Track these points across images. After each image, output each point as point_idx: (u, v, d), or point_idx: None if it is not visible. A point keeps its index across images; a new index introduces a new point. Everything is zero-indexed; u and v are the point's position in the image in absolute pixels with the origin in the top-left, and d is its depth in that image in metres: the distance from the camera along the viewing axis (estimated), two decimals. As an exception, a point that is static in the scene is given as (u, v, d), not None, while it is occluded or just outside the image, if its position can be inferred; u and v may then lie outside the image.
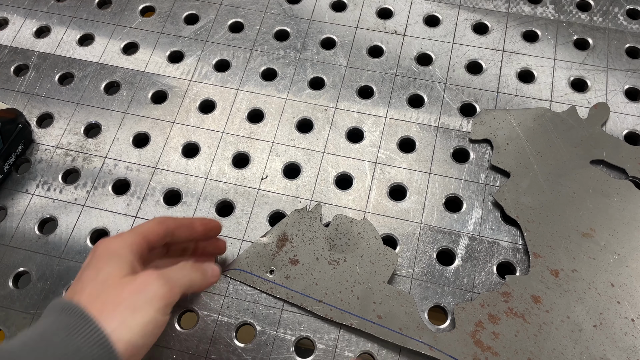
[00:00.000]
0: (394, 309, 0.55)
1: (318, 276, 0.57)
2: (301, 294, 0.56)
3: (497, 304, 0.56)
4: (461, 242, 0.60)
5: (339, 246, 0.58)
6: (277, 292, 0.56)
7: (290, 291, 0.56)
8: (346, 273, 0.57)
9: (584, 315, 0.55)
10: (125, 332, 0.40)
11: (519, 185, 0.62)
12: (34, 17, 0.78)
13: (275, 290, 0.56)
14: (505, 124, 0.66)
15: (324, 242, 0.58)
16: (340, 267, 0.57)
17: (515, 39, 0.73)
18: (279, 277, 0.56)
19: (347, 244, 0.58)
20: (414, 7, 0.76)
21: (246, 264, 0.57)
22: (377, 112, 0.69)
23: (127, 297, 0.42)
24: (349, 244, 0.58)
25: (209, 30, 0.76)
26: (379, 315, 0.55)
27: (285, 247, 0.57)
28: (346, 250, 0.58)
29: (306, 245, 0.58)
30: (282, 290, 0.56)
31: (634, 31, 0.73)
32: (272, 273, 0.57)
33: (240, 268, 0.57)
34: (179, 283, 0.45)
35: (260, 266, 0.57)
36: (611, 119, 0.67)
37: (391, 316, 0.55)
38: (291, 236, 0.58)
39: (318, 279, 0.56)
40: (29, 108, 0.71)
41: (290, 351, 0.55)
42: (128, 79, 0.72)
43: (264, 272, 0.57)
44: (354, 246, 0.58)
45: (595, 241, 0.58)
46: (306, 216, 0.60)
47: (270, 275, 0.56)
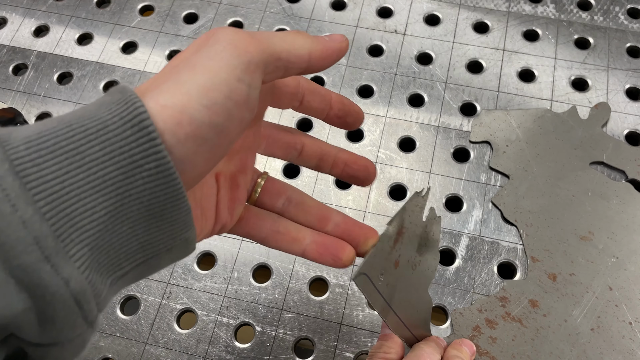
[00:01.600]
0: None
1: (402, 283, 0.44)
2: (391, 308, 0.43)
3: (494, 308, 0.56)
4: (461, 242, 0.61)
5: (422, 247, 0.47)
6: (377, 306, 0.41)
7: (385, 305, 0.41)
8: (414, 279, 0.46)
9: (581, 319, 0.55)
10: (171, 95, 0.26)
11: (518, 188, 0.62)
12: (32, 16, 0.78)
13: (377, 303, 0.41)
14: (505, 125, 0.66)
15: (416, 240, 0.45)
16: (415, 272, 0.46)
17: (515, 38, 0.73)
18: (384, 284, 0.41)
19: (426, 245, 0.47)
20: (414, 6, 0.76)
21: (371, 266, 0.39)
22: (377, 111, 0.68)
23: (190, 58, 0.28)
24: (427, 245, 0.47)
25: (208, 29, 0.75)
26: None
27: (398, 244, 0.42)
28: (423, 252, 0.47)
29: (409, 243, 0.44)
30: (381, 303, 0.41)
31: (635, 30, 0.72)
32: (382, 276, 0.41)
33: (367, 274, 0.38)
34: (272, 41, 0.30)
35: (377, 268, 0.40)
36: (612, 119, 0.67)
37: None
38: (405, 229, 0.43)
39: (401, 286, 0.44)
40: (27, 107, 0.71)
41: (289, 351, 0.56)
42: (127, 79, 0.72)
43: (379, 276, 0.40)
44: (427, 248, 0.47)
45: (593, 244, 0.58)
46: (419, 204, 0.44)
47: (381, 279, 0.40)
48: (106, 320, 0.58)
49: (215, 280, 0.59)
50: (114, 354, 0.57)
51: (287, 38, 0.31)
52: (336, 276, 0.59)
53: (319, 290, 0.59)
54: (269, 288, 0.59)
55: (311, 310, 0.58)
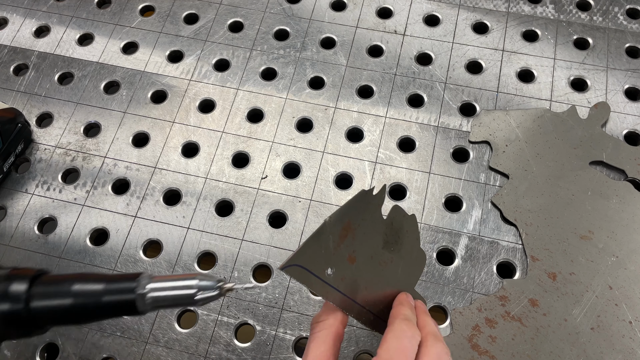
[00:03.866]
0: None
1: (368, 279, 0.46)
2: (354, 301, 0.45)
3: (494, 307, 0.56)
4: (461, 242, 0.61)
5: (390, 244, 0.49)
6: (332, 298, 0.44)
7: (345, 297, 0.44)
8: (390, 276, 0.48)
9: (581, 318, 0.55)
10: None
11: (518, 188, 0.62)
12: (33, 17, 0.78)
13: (330, 295, 0.44)
14: (504, 125, 0.66)
15: (379, 237, 0.47)
16: (387, 269, 0.48)
17: (515, 39, 0.73)
18: (335, 278, 0.43)
19: (396, 242, 0.49)
20: (413, 6, 0.76)
21: (307, 258, 0.42)
22: (377, 111, 0.69)
23: None
24: (398, 243, 0.49)
25: (208, 29, 0.76)
26: None
27: (346, 239, 0.44)
28: (394, 249, 0.49)
29: (366, 239, 0.46)
30: (338, 296, 0.44)
31: (634, 31, 0.72)
32: (331, 269, 0.43)
33: (301, 264, 0.41)
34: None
35: (320, 262, 0.43)
36: (611, 119, 0.67)
37: None
38: (354, 225, 0.44)
39: (367, 282, 0.46)
40: (28, 108, 0.71)
41: (290, 351, 0.56)
42: (128, 79, 0.72)
43: (323, 269, 0.42)
44: (400, 245, 0.50)
45: (593, 244, 0.59)
46: (372, 201, 0.46)
47: (329, 273, 0.43)
48: (107, 320, 0.58)
49: (216, 280, 0.59)
50: (115, 353, 0.57)
51: None
52: (336, 275, 0.59)
53: (319, 290, 0.59)
54: (269, 287, 0.59)
55: (311, 309, 0.58)
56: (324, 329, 0.42)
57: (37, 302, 0.40)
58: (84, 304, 0.40)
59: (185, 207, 0.64)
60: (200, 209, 0.63)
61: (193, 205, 0.64)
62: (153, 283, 0.41)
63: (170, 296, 0.41)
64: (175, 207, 0.64)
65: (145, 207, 0.64)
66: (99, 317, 0.42)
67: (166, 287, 0.41)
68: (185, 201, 0.64)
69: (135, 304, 0.40)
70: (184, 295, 0.41)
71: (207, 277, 0.41)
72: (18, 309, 0.40)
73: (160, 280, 0.41)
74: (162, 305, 0.41)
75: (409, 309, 0.44)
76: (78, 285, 0.41)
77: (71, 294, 0.40)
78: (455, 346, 0.54)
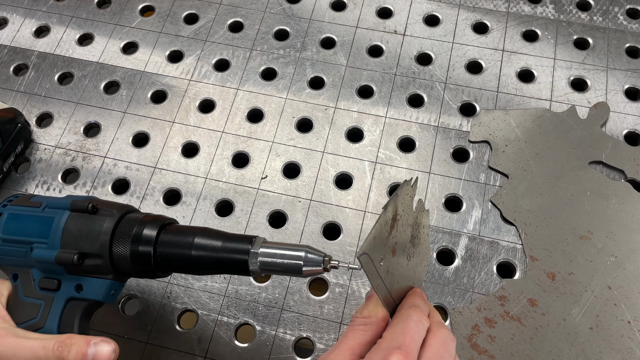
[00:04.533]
0: None
1: (399, 273, 0.44)
2: (391, 296, 0.43)
3: (493, 307, 0.56)
4: (461, 242, 0.61)
5: (415, 238, 0.48)
6: (380, 292, 0.42)
7: (387, 292, 0.42)
8: (411, 270, 0.47)
9: (580, 318, 0.55)
10: None
11: (517, 188, 0.62)
12: (33, 17, 0.78)
13: (380, 288, 0.42)
14: (504, 125, 0.66)
15: (409, 230, 0.46)
16: (411, 263, 0.47)
17: (515, 39, 0.73)
18: (383, 270, 0.41)
19: (417, 237, 0.48)
20: (413, 6, 0.76)
21: (373, 247, 0.39)
22: (377, 111, 0.69)
23: None
24: (418, 237, 0.48)
25: (208, 29, 0.76)
26: None
27: (393, 230, 0.42)
28: (415, 244, 0.48)
29: (403, 232, 0.44)
30: (383, 289, 0.42)
31: (634, 31, 0.72)
32: (382, 262, 0.41)
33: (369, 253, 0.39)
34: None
35: (378, 252, 0.41)
36: (611, 119, 0.67)
37: None
38: (399, 216, 0.43)
39: (399, 276, 0.44)
40: (28, 107, 0.71)
41: (290, 351, 0.56)
42: (128, 79, 0.72)
43: (379, 261, 0.41)
44: (419, 240, 0.48)
45: (592, 244, 0.59)
46: (409, 193, 0.45)
47: (382, 264, 0.41)
48: (107, 320, 0.58)
49: (216, 280, 0.59)
50: (114, 353, 0.57)
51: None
52: (336, 276, 0.59)
53: (319, 290, 0.59)
54: (269, 288, 0.59)
55: (311, 309, 0.58)
56: (368, 324, 0.41)
57: (162, 248, 0.45)
58: (202, 257, 0.44)
59: (185, 207, 0.64)
60: (200, 209, 0.63)
61: (193, 205, 0.64)
62: (264, 248, 0.44)
63: (278, 263, 0.43)
64: (175, 207, 0.64)
65: (145, 207, 0.64)
66: (213, 271, 0.45)
67: (276, 254, 0.43)
68: (185, 201, 0.64)
69: (247, 264, 0.43)
70: (292, 265, 0.43)
71: (314, 251, 0.43)
72: (147, 251, 0.45)
73: (272, 246, 0.44)
74: (270, 270, 0.44)
75: (420, 298, 0.44)
76: (199, 239, 0.44)
77: (192, 246, 0.44)
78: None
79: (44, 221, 0.46)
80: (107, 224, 0.45)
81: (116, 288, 0.47)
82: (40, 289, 0.46)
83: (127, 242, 0.45)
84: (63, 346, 0.41)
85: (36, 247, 0.45)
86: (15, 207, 0.48)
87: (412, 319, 0.40)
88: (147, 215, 0.47)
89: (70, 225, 0.45)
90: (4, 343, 0.41)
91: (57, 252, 0.44)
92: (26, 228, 0.46)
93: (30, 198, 0.49)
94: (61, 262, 0.44)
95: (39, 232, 0.46)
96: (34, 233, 0.46)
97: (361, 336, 0.40)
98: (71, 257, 0.44)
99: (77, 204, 0.45)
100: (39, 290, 0.46)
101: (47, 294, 0.46)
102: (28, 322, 0.45)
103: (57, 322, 0.45)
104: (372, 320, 0.41)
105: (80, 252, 0.44)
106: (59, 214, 0.46)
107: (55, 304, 0.45)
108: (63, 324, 0.45)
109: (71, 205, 0.46)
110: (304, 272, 0.43)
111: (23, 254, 0.46)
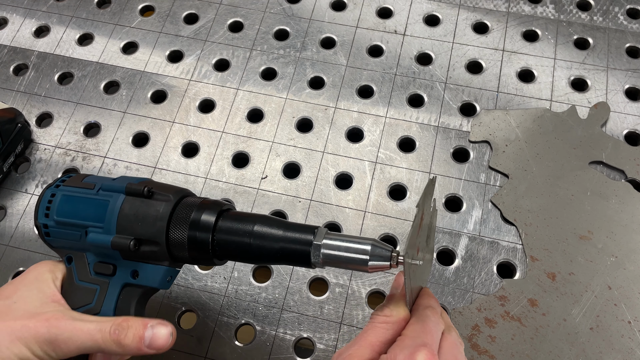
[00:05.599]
0: None
1: (416, 273, 0.43)
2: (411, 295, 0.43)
3: (493, 307, 0.56)
4: (461, 242, 0.61)
5: (429, 237, 0.47)
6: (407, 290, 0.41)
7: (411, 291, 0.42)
8: (422, 270, 0.46)
9: (580, 318, 0.55)
10: None
11: (517, 188, 0.62)
12: (33, 17, 0.78)
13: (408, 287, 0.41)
14: (504, 125, 0.66)
15: (426, 230, 0.45)
16: (423, 263, 0.46)
17: (515, 39, 0.73)
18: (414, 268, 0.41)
19: (430, 237, 0.48)
20: (414, 6, 0.76)
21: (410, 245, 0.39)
22: (377, 111, 0.69)
23: None
24: (430, 237, 0.48)
25: (208, 29, 0.76)
26: None
27: (420, 230, 0.42)
28: (428, 243, 0.47)
29: (424, 231, 0.44)
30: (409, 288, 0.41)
31: (634, 31, 0.72)
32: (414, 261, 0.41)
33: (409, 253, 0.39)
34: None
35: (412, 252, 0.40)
36: (611, 119, 0.67)
37: None
38: (424, 215, 0.43)
39: (415, 276, 0.43)
40: (28, 107, 0.71)
41: (290, 351, 0.56)
42: (127, 79, 0.72)
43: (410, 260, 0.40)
44: (430, 240, 0.48)
45: (592, 244, 0.59)
46: (432, 193, 0.44)
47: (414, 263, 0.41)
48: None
49: (216, 280, 0.59)
50: (114, 353, 0.57)
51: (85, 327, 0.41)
52: (336, 276, 0.59)
53: (319, 290, 0.59)
54: (269, 288, 0.59)
55: (311, 309, 0.58)
56: (388, 322, 0.41)
57: (221, 235, 0.43)
58: (261, 246, 0.42)
59: (185, 207, 0.64)
60: (200, 209, 0.63)
61: (193, 205, 0.64)
62: (328, 240, 0.41)
63: (342, 257, 0.41)
64: (175, 207, 0.64)
65: (145, 207, 0.64)
66: (273, 261, 0.43)
67: (341, 247, 0.41)
68: (185, 201, 0.64)
69: (309, 256, 0.41)
70: (357, 259, 0.41)
71: (380, 245, 0.41)
72: (206, 238, 0.43)
73: (336, 238, 0.41)
74: (333, 263, 0.42)
75: (434, 300, 0.44)
76: (259, 227, 0.42)
77: (252, 234, 0.42)
78: (454, 346, 0.54)
79: (99, 204, 0.45)
80: (164, 209, 0.43)
81: (172, 274, 0.45)
82: (96, 274, 0.45)
83: (185, 228, 0.43)
84: (120, 329, 0.41)
85: (91, 231, 0.44)
86: (69, 188, 0.47)
87: (430, 320, 0.40)
88: (205, 200, 0.45)
89: (126, 209, 0.44)
90: (60, 326, 0.40)
91: (113, 237, 0.43)
92: (80, 211, 0.45)
93: (83, 178, 0.47)
94: (117, 247, 0.43)
95: (94, 215, 0.44)
96: (88, 216, 0.45)
97: (382, 334, 0.40)
98: (127, 243, 0.42)
99: (132, 187, 0.44)
100: (94, 274, 0.45)
101: (102, 278, 0.45)
102: (84, 307, 0.44)
103: (113, 308, 0.44)
104: (393, 319, 0.41)
105: (137, 238, 0.43)
106: (114, 197, 0.44)
107: (110, 290, 0.44)
108: (119, 310, 0.44)
109: (126, 188, 0.44)
110: (370, 267, 0.41)
111: (77, 237, 0.45)
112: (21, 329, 0.40)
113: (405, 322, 0.41)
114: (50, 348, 0.40)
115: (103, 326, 0.41)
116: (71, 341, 0.40)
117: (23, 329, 0.40)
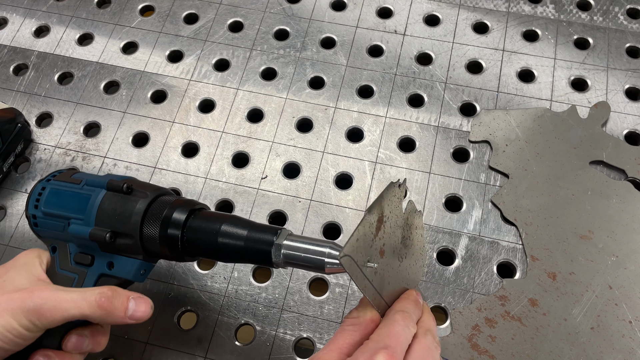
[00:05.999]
0: None
1: (390, 274, 0.45)
2: (382, 297, 0.44)
3: (494, 307, 0.56)
4: (461, 242, 0.61)
5: (406, 239, 0.48)
6: (369, 293, 0.42)
7: (376, 293, 0.43)
8: (404, 272, 0.47)
9: (581, 318, 0.55)
10: None
11: (518, 187, 0.62)
12: (33, 17, 0.78)
13: (368, 290, 0.42)
14: (504, 125, 0.66)
15: (399, 231, 0.47)
16: (403, 265, 0.47)
17: (515, 39, 0.73)
18: (370, 271, 0.42)
19: (409, 238, 0.49)
20: (414, 6, 0.76)
21: (355, 249, 0.40)
22: (377, 111, 0.69)
23: None
24: (410, 238, 0.49)
25: (208, 29, 0.76)
26: None
27: (380, 232, 0.43)
28: (407, 245, 0.48)
29: (392, 233, 0.45)
30: (372, 291, 0.42)
31: (634, 31, 0.72)
32: (369, 263, 0.42)
33: (351, 255, 0.39)
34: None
35: (363, 253, 0.41)
36: (611, 119, 0.67)
37: None
38: (386, 218, 0.44)
39: (390, 277, 0.45)
40: (28, 107, 0.71)
41: (290, 351, 0.56)
42: (127, 79, 0.72)
43: (364, 262, 0.41)
44: (412, 241, 0.49)
45: (593, 243, 0.59)
46: (397, 195, 0.46)
47: (369, 266, 0.41)
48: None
49: (216, 280, 0.59)
50: (115, 353, 0.57)
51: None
52: (336, 276, 0.59)
53: (319, 290, 0.59)
54: (269, 288, 0.59)
55: (311, 310, 0.58)
56: (355, 324, 0.42)
57: (190, 233, 0.45)
58: (227, 244, 0.44)
59: (185, 207, 0.63)
60: (200, 209, 0.63)
61: (193, 205, 0.64)
62: (289, 241, 0.43)
63: (301, 257, 0.43)
64: (175, 207, 0.64)
65: (145, 207, 0.64)
66: (239, 259, 0.46)
67: (300, 248, 0.43)
68: (185, 201, 0.64)
69: (270, 255, 0.43)
70: (315, 260, 0.43)
71: (339, 248, 0.42)
72: (176, 234, 0.45)
73: (296, 240, 0.44)
74: (293, 264, 0.44)
75: (412, 303, 0.44)
76: (226, 226, 0.45)
77: (218, 233, 0.45)
78: (455, 346, 0.54)
79: (82, 198, 0.48)
80: (140, 205, 0.46)
81: (146, 268, 0.48)
82: (76, 263, 0.48)
83: (157, 224, 0.46)
84: (105, 297, 0.43)
85: (73, 222, 0.47)
86: (57, 182, 0.50)
87: (398, 324, 0.41)
88: (179, 199, 0.47)
89: (105, 204, 0.47)
90: (44, 296, 0.42)
91: (91, 229, 0.46)
92: (65, 203, 0.48)
93: (72, 175, 0.50)
94: (95, 239, 0.45)
95: (76, 208, 0.47)
96: (71, 209, 0.48)
97: (349, 336, 0.41)
98: (104, 235, 0.45)
99: (113, 183, 0.47)
100: (74, 264, 0.48)
101: (81, 268, 0.48)
102: None
103: None
104: (360, 321, 0.42)
105: (113, 231, 0.46)
106: (95, 192, 0.47)
107: (87, 279, 0.47)
108: None
109: (107, 184, 0.47)
110: (327, 269, 0.43)
111: (61, 228, 0.48)
112: (7, 301, 0.41)
113: (374, 324, 0.42)
114: (35, 317, 0.41)
115: (87, 295, 0.43)
116: (56, 310, 0.42)
117: (9, 301, 0.41)
